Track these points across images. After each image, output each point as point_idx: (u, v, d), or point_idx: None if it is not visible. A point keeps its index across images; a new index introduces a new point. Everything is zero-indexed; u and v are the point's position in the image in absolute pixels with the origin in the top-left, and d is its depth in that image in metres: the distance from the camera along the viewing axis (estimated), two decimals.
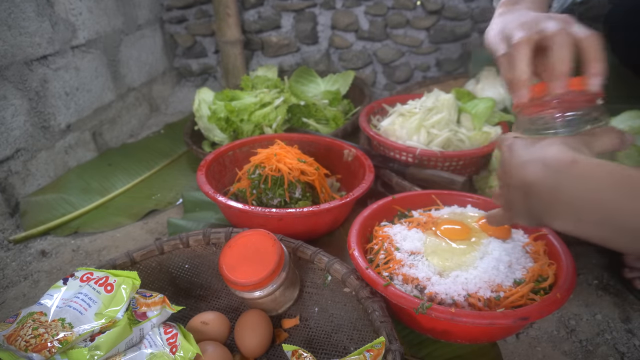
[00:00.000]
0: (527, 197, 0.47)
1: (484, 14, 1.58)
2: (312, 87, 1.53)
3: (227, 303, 0.76)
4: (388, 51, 1.67)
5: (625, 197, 0.39)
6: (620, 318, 0.76)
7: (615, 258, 0.85)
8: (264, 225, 0.77)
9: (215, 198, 0.85)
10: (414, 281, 0.65)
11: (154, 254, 0.76)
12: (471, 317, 0.57)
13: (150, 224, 1.06)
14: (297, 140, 1.08)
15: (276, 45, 1.72)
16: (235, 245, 0.67)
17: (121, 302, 0.57)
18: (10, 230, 1.03)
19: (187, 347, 0.57)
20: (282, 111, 1.23)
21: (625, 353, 0.70)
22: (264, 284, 0.64)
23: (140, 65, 1.58)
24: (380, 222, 0.81)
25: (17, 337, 0.52)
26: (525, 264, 0.67)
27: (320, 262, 0.73)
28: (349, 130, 1.26)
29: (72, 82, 1.23)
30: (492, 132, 1.05)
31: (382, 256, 0.71)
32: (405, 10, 1.61)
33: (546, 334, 0.73)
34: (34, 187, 1.13)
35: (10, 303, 0.84)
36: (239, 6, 1.64)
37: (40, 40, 1.11)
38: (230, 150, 1.05)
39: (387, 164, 1.04)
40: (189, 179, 1.23)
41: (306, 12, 1.66)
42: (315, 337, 0.69)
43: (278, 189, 0.90)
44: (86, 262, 0.94)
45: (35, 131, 1.12)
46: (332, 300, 0.72)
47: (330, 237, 0.95)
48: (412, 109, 1.10)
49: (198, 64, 1.83)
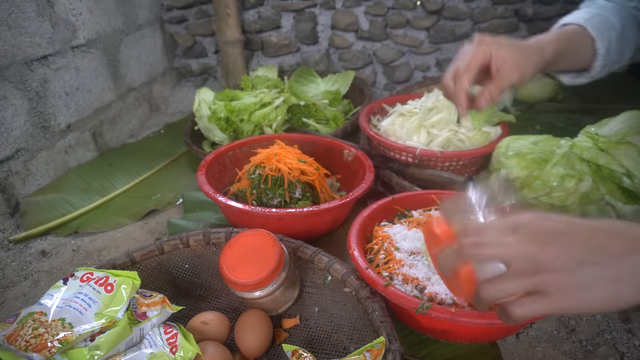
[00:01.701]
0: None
1: (484, 14, 1.59)
2: (312, 87, 1.53)
3: (227, 303, 0.76)
4: (388, 51, 1.67)
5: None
6: (620, 318, 0.76)
7: None
8: (264, 225, 0.77)
9: (215, 198, 0.85)
10: (413, 281, 0.66)
11: (154, 254, 0.76)
12: (471, 317, 0.57)
13: (150, 224, 1.06)
14: (297, 140, 1.08)
15: (276, 45, 1.72)
16: (235, 245, 0.67)
17: (121, 302, 0.57)
18: (11, 230, 1.03)
19: (187, 347, 0.57)
20: (282, 111, 1.23)
21: (625, 353, 0.70)
22: (264, 284, 0.64)
23: (140, 65, 1.58)
24: (380, 222, 0.81)
25: (17, 337, 0.52)
26: None
27: (320, 262, 0.73)
28: (349, 130, 1.26)
29: (72, 82, 1.23)
30: (492, 132, 1.05)
31: (382, 256, 0.71)
32: (405, 10, 1.61)
33: (546, 333, 0.73)
34: (34, 187, 1.13)
35: (11, 303, 0.84)
36: (239, 6, 1.64)
37: (41, 40, 1.11)
38: (230, 150, 1.05)
39: (387, 164, 1.04)
40: (189, 179, 1.23)
41: (306, 12, 1.66)
42: (315, 337, 0.69)
43: (278, 189, 0.90)
44: (86, 262, 0.94)
45: (36, 131, 1.12)
46: (332, 300, 0.72)
47: (330, 237, 0.95)
48: (412, 109, 1.10)
49: (198, 64, 1.83)
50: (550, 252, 0.38)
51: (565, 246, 0.38)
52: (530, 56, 0.72)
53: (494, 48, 0.71)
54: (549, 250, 0.38)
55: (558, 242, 0.39)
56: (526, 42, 0.74)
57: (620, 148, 0.79)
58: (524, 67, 0.72)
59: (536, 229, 0.40)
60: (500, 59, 0.71)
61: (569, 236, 0.39)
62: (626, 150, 0.78)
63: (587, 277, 0.37)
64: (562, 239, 0.39)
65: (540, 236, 0.39)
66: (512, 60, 0.71)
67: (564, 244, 0.38)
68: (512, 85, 0.73)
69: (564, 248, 0.38)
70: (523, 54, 0.72)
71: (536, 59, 0.72)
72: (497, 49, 0.71)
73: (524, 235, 0.40)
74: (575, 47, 0.77)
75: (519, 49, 0.72)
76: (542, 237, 0.39)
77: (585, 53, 0.78)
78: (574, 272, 0.37)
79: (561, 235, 0.39)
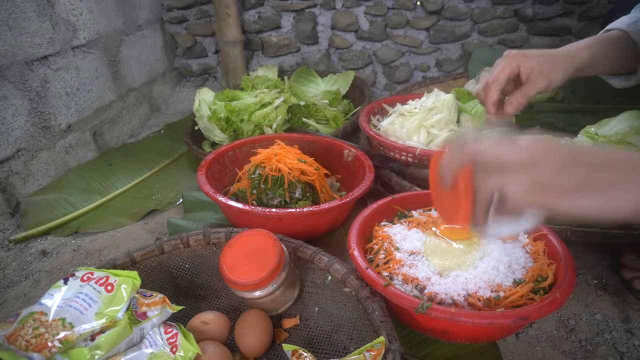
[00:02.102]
0: (533, 172, 0.43)
1: (483, 14, 1.59)
2: (312, 87, 1.53)
3: (227, 303, 0.76)
4: (388, 51, 1.67)
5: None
6: (619, 318, 0.76)
7: (615, 258, 0.85)
8: (264, 225, 0.77)
9: (215, 198, 0.85)
10: (413, 281, 0.66)
11: (154, 254, 0.76)
12: (471, 317, 0.57)
13: (151, 224, 1.06)
14: (297, 140, 1.08)
15: (276, 46, 1.72)
16: (236, 245, 0.67)
17: (121, 301, 0.57)
18: (11, 230, 1.03)
19: (187, 347, 0.57)
20: (282, 111, 1.23)
21: (625, 353, 0.70)
22: (264, 284, 0.65)
23: (140, 65, 1.58)
24: (380, 222, 0.81)
25: (17, 337, 0.52)
26: (525, 264, 0.68)
27: (320, 262, 0.73)
28: (349, 130, 1.27)
29: (72, 82, 1.24)
30: None
31: (382, 256, 0.71)
32: (405, 10, 1.61)
33: (546, 333, 0.74)
34: (34, 187, 1.13)
35: (11, 303, 0.84)
36: (239, 6, 1.64)
37: (41, 40, 1.12)
38: (231, 150, 1.05)
39: (387, 164, 1.04)
40: (189, 179, 1.23)
41: (306, 13, 1.66)
42: (315, 336, 0.70)
43: (278, 189, 0.90)
44: (86, 261, 0.95)
45: (36, 131, 1.13)
46: (332, 300, 0.72)
47: (330, 237, 0.95)
48: (412, 109, 1.10)
49: (198, 64, 1.83)
50: (552, 152, 0.43)
51: (567, 150, 0.43)
52: (557, 64, 0.77)
53: (520, 59, 0.78)
54: (550, 151, 0.43)
55: (560, 147, 0.44)
56: (554, 50, 0.79)
57: (620, 148, 0.79)
58: (551, 74, 0.76)
59: (539, 137, 0.45)
60: (528, 68, 0.77)
61: (571, 146, 0.44)
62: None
63: (580, 179, 0.41)
64: (564, 145, 0.44)
65: (539, 143, 0.44)
66: (538, 69, 0.76)
67: (565, 149, 0.43)
68: (540, 92, 0.78)
69: (565, 151, 0.43)
70: (549, 61, 0.77)
71: (565, 66, 0.77)
72: (524, 59, 0.77)
73: (528, 140, 0.45)
74: (614, 51, 0.79)
75: (546, 57, 0.77)
76: (544, 142, 0.44)
77: (627, 56, 0.80)
78: (568, 173, 0.42)
79: (562, 145, 0.44)
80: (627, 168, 0.41)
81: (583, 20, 1.56)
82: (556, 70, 0.77)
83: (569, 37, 1.59)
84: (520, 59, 0.78)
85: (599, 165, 0.42)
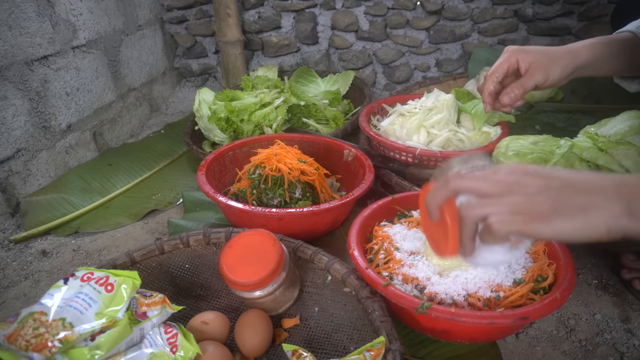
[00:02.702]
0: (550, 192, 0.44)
1: (483, 14, 1.59)
2: (312, 87, 1.53)
3: (227, 303, 0.76)
4: (388, 51, 1.67)
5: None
6: (619, 318, 0.76)
7: (615, 258, 0.85)
8: (264, 225, 0.77)
9: (215, 198, 0.85)
10: (413, 281, 0.66)
11: (154, 254, 0.76)
12: (471, 317, 0.58)
13: (151, 224, 1.06)
14: (297, 140, 1.08)
15: (276, 46, 1.72)
16: (236, 245, 0.67)
17: (121, 301, 0.57)
18: (11, 230, 1.03)
19: (188, 347, 0.57)
20: (282, 111, 1.23)
21: (625, 353, 0.70)
22: (264, 284, 0.65)
23: (140, 65, 1.58)
24: (380, 222, 0.81)
25: (17, 337, 0.52)
26: (525, 264, 0.68)
27: (320, 262, 0.73)
28: (349, 130, 1.27)
29: (72, 82, 1.24)
30: (491, 132, 1.05)
31: (382, 256, 0.71)
32: (405, 10, 1.61)
33: (546, 333, 0.74)
34: (34, 187, 1.13)
35: (11, 303, 0.84)
36: (239, 6, 1.64)
37: (41, 40, 1.12)
38: (231, 150, 1.06)
39: (387, 164, 1.04)
40: (189, 179, 1.23)
41: (306, 13, 1.66)
42: (315, 336, 0.70)
43: (278, 189, 0.90)
44: (87, 261, 0.95)
45: (36, 131, 1.13)
46: (332, 300, 0.72)
47: (330, 237, 0.95)
48: (412, 109, 1.10)
49: (198, 64, 1.83)
50: (527, 181, 0.45)
51: (541, 177, 0.45)
52: (556, 59, 0.78)
53: (519, 54, 0.80)
54: (526, 180, 0.45)
55: (535, 175, 0.45)
56: (555, 47, 0.80)
57: (619, 148, 0.79)
58: (549, 68, 0.78)
59: (515, 167, 0.47)
60: (526, 62, 0.79)
61: (545, 173, 0.45)
62: (626, 150, 0.78)
63: (553, 205, 0.43)
64: (539, 173, 0.45)
65: (519, 170, 0.46)
66: (536, 63, 0.78)
67: (540, 176, 0.45)
68: (538, 85, 0.80)
69: (539, 178, 0.44)
70: (548, 57, 0.78)
71: (564, 62, 0.78)
72: (522, 54, 0.80)
73: (504, 171, 0.46)
74: (622, 53, 0.79)
75: (545, 52, 0.79)
76: (520, 171, 0.46)
77: (638, 59, 0.79)
78: (543, 199, 0.43)
79: (537, 172, 0.46)
80: (597, 191, 0.42)
81: (583, 20, 1.56)
82: (555, 65, 0.78)
83: (569, 37, 1.59)
84: (519, 54, 0.80)
85: (571, 190, 0.43)
